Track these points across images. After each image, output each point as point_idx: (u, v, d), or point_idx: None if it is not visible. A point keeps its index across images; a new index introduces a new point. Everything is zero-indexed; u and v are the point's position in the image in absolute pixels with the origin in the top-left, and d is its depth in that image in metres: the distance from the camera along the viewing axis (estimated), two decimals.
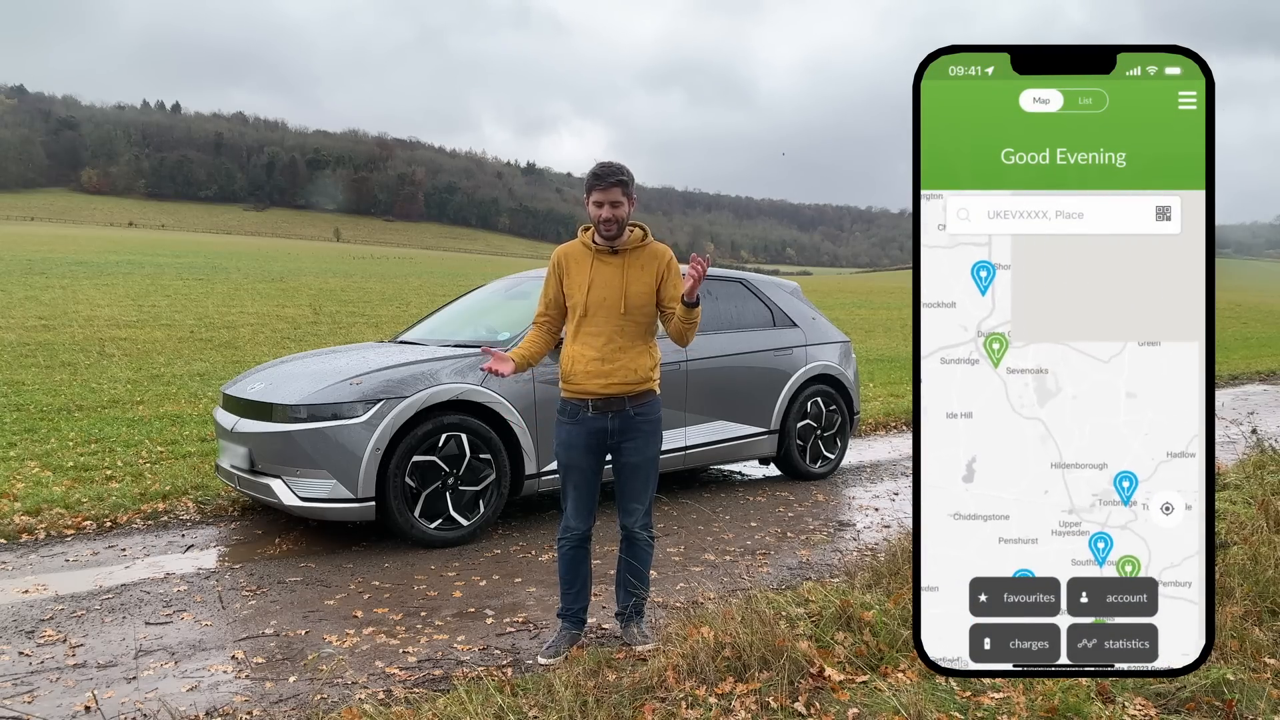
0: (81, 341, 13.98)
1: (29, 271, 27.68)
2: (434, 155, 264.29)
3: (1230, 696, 2.87)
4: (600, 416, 3.47)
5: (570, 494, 3.58)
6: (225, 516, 5.75)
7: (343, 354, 6.00)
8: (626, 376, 3.46)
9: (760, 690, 2.92)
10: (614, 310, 3.45)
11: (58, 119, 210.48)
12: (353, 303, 25.02)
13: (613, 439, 3.50)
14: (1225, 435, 8.70)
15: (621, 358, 3.45)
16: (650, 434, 3.54)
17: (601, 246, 3.51)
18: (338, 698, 3.21)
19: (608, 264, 3.50)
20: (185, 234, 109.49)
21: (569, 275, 3.55)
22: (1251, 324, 33.31)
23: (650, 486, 3.60)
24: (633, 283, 3.47)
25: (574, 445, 3.51)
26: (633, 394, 3.48)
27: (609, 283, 3.47)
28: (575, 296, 3.51)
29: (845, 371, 7.26)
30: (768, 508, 6.18)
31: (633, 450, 3.51)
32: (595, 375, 3.45)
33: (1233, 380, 15.21)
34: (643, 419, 3.51)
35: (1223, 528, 4.59)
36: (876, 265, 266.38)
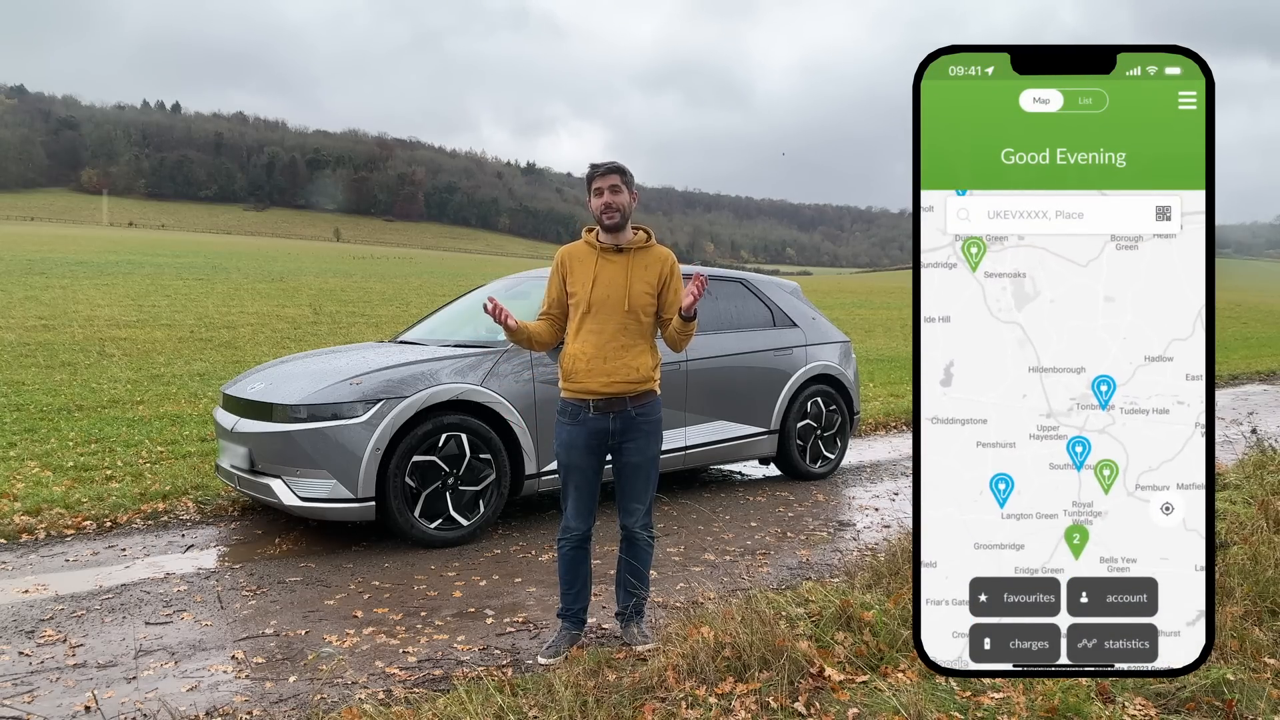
0: (81, 341, 13.98)
1: (29, 271, 27.68)
2: (434, 155, 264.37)
3: (1230, 696, 2.87)
4: (601, 417, 3.47)
5: (571, 494, 3.57)
6: (225, 516, 5.75)
7: (343, 354, 6.00)
8: (628, 375, 3.46)
9: (760, 690, 2.92)
10: (617, 308, 3.45)
11: (58, 119, 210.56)
12: (353, 303, 25.02)
13: (613, 439, 3.50)
14: (1225, 435, 8.71)
15: (624, 356, 3.45)
16: (651, 434, 3.54)
17: (606, 244, 3.52)
18: (338, 698, 3.21)
19: (612, 262, 3.50)
20: (185, 234, 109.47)
21: (572, 274, 3.55)
22: (1251, 324, 33.32)
23: (651, 486, 3.61)
24: (636, 281, 3.48)
25: (575, 446, 3.51)
26: (634, 394, 3.48)
27: (613, 280, 3.47)
28: (579, 293, 3.50)
29: (845, 371, 7.26)
30: (768, 508, 6.18)
31: (634, 450, 3.51)
32: (597, 373, 3.44)
33: (1233, 380, 15.20)
34: (643, 419, 3.51)
35: (1223, 528, 4.59)
36: (876, 265, 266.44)
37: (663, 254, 3.56)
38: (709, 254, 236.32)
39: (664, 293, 3.53)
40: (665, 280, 3.53)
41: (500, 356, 5.42)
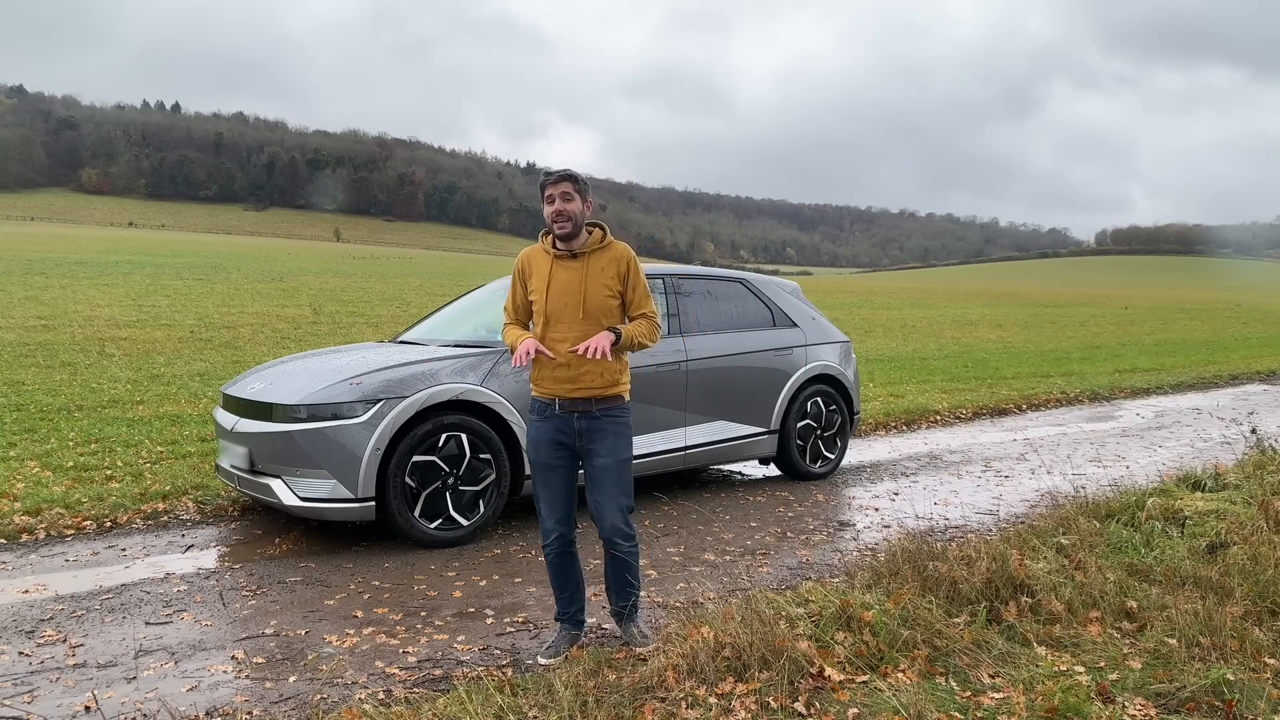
0: (81, 341, 13.98)
1: (29, 271, 27.67)
2: (434, 155, 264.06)
3: (1230, 696, 2.87)
4: (567, 415, 3.45)
5: (542, 494, 3.53)
6: (225, 516, 5.75)
7: (343, 354, 6.00)
8: (593, 381, 3.43)
9: (760, 690, 2.92)
10: (574, 315, 3.42)
11: (58, 119, 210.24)
12: (353, 303, 25.01)
13: (581, 439, 3.47)
14: (1225, 435, 8.71)
15: (587, 362, 3.40)
16: (618, 435, 3.48)
17: (561, 251, 3.48)
18: (338, 698, 3.21)
19: (566, 268, 3.47)
20: (185, 234, 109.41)
21: (531, 279, 3.54)
22: (1251, 324, 33.31)
23: (624, 492, 3.48)
24: (591, 285, 3.43)
25: (542, 442, 3.49)
26: (599, 397, 3.45)
27: (567, 288, 3.44)
28: (537, 301, 3.49)
29: (845, 371, 7.26)
30: (768, 508, 6.18)
31: (602, 451, 3.45)
32: (562, 380, 3.44)
33: (1233, 380, 15.20)
34: (609, 419, 3.47)
35: (1223, 527, 4.59)
36: (876, 265, 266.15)
37: (619, 251, 3.51)
38: (709, 254, 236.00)
39: (625, 290, 3.50)
40: (624, 277, 3.49)
41: (500, 356, 5.42)
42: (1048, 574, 3.87)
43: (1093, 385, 13.37)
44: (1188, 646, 3.28)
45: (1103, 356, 18.71)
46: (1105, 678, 3.08)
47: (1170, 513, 4.97)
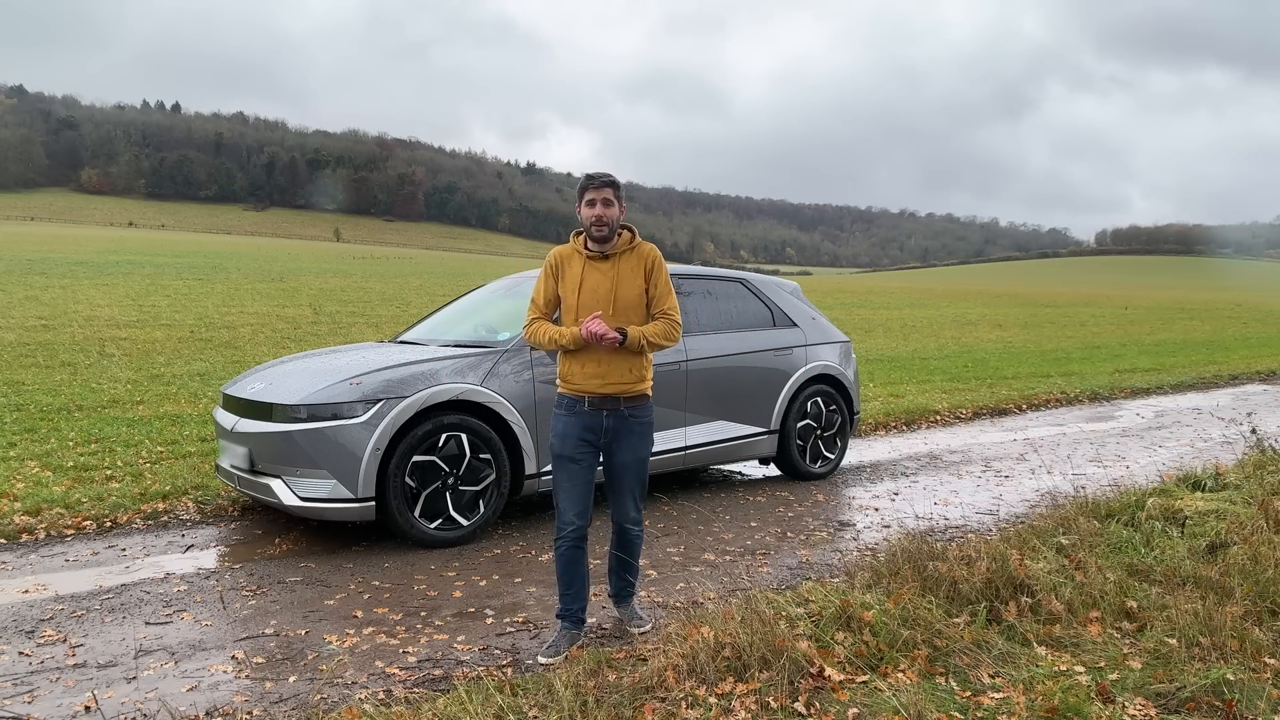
0: (81, 341, 13.98)
1: (29, 271, 27.66)
2: (434, 155, 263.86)
3: (1230, 696, 2.87)
4: (596, 413, 3.59)
5: (564, 486, 3.63)
6: (225, 516, 5.75)
7: (343, 354, 6.00)
8: (622, 377, 3.57)
9: (760, 690, 2.92)
10: (604, 314, 3.53)
11: (58, 119, 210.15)
12: (353, 303, 25.00)
13: (606, 437, 3.61)
14: (1225, 435, 8.71)
15: (616, 359, 3.56)
16: (642, 435, 3.66)
17: (593, 252, 3.61)
18: (338, 698, 3.21)
19: (597, 269, 3.61)
20: (185, 234, 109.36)
21: (563, 277, 3.66)
22: (1251, 324, 33.30)
23: (641, 485, 3.74)
24: (622, 285, 3.58)
25: (569, 436, 3.61)
26: (628, 395, 3.60)
27: (598, 287, 3.58)
28: (568, 299, 3.63)
29: (845, 371, 7.27)
30: (768, 508, 6.18)
31: (626, 450, 3.64)
32: (593, 376, 3.57)
33: (1233, 380, 15.20)
34: (635, 420, 3.63)
35: (1223, 527, 4.59)
36: (876, 265, 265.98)
37: (646, 251, 3.67)
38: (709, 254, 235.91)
39: (649, 288, 3.63)
40: (649, 275, 3.63)
41: (500, 356, 5.42)
42: (1048, 574, 3.87)
43: (1093, 385, 13.37)
44: (1188, 646, 3.28)
45: (1103, 356, 18.71)
46: (1105, 678, 3.08)
47: (1170, 513, 4.97)
